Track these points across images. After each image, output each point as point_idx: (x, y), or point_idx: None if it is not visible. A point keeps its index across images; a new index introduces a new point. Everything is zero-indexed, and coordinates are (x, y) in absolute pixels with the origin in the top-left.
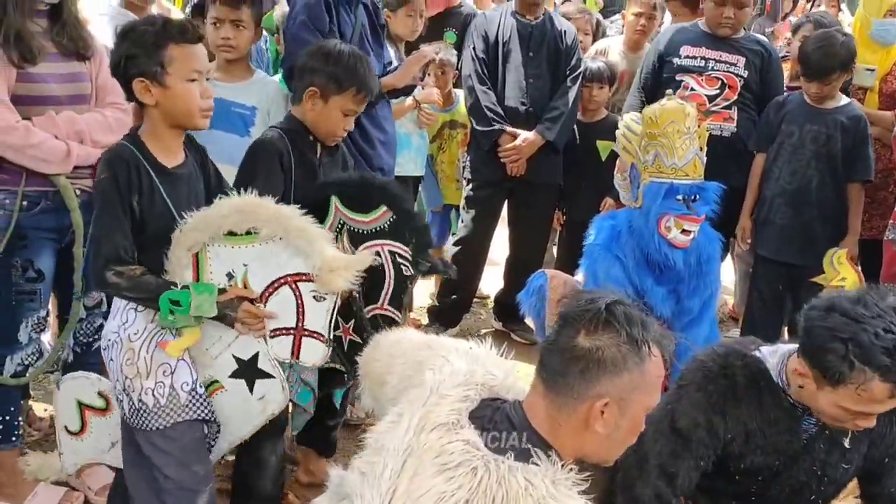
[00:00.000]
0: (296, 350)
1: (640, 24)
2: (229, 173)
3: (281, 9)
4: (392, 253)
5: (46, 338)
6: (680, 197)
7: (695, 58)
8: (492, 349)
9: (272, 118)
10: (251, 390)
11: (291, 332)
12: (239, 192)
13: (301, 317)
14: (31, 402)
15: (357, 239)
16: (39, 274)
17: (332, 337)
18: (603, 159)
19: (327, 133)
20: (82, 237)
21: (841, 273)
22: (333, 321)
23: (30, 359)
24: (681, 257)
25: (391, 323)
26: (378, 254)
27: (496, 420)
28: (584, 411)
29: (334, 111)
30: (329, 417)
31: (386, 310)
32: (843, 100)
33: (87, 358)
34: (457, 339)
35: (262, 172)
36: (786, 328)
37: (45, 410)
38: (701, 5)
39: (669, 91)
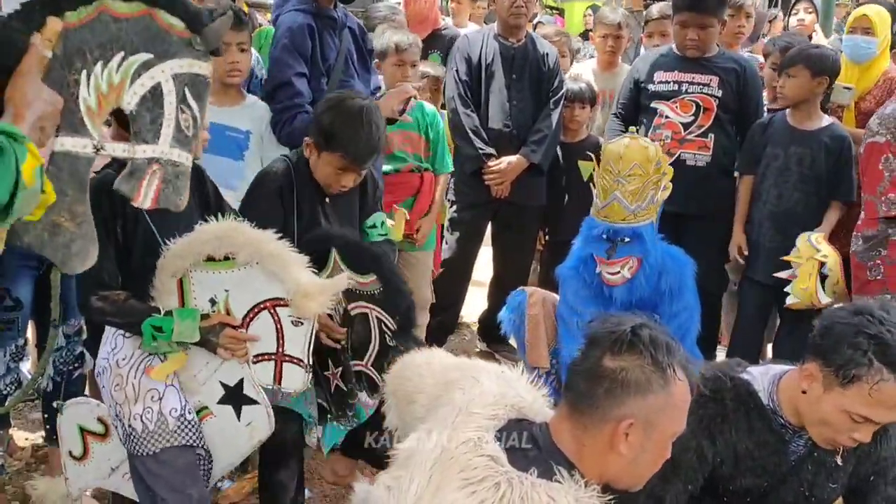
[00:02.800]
0: (277, 375)
1: (608, 45)
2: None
3: None
4: (378, 320)
5: (26, 367)
6: (603, 235)
7: (668, 83)
8: (523, 374)
9: (266, 142)
10: (238, 417)
11: (273, 357)
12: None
13: (281, 342)
14: (10, 432)
15: (351, 295)
16: (17, 302)
17: (310, 362)
18: (585, 179)
19: (323, 185)
20: None
21: (822, 251)
22: (311, 349)
23: (8, 388)
24: (622, 293)
25: (372, 384)
26: (367, 316)
27: (521, 438)
28: (609, 432)
29: (325, 167)
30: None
31: (369, 369)
32: (826, 120)
33: (68, 387)
34: (488, 362)
35: (262, 204)
36: (770, 347)
37: (27, 440)
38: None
39: (633, 128)
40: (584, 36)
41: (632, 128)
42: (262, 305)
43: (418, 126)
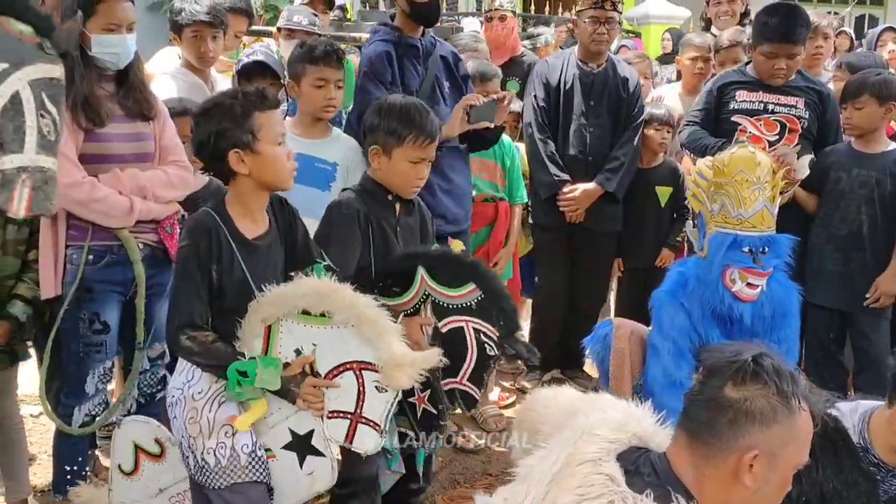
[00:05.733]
0: (350, 435)
1: (697, 67)
2: (312, 227)
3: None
4: (476, 331)
5: (111, 388)
6: (746, 249)
7: (752, 101)
8: (648, 409)
9: (350, 175)
10: (301, 465)
11: (349, 416)
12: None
13: (360, 403)
14: (97, 452)
15: (441, 312)
16: (105, 326)
17: (386, 429)
18: (662, 205)
19: (402, 186)
20: (144, 289)
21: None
22: (390, 417)
23: (97, 409)
24: (749, 311)
25: (468, 399)
26: (461, 330)
27: (640, 463)
28: (733, 463)
29: (400, 163)
30: (412, 481)
31: (465, 385)
32: (891, 145)
33: (151, 408)
34: (616, 398)
35: (338, 236)
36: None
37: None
38: (748, 55)
39: (743, 139)
40: (661, 60)
41: (741, 138)
42: (348, 366)
43: (494, 154)
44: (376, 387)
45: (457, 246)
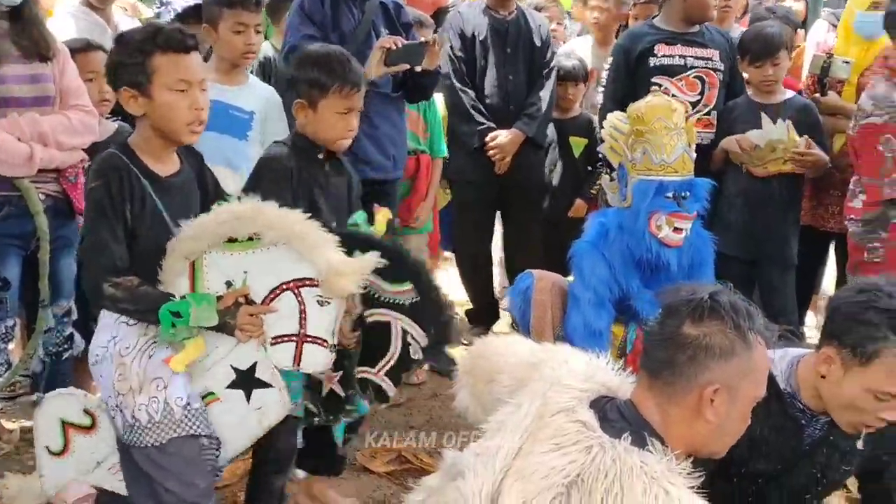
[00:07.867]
0: (297, 357)
1: (593, 17)
2: (225, 176)
3: None
4: (404, 331)
5: (12, 348)
6: (670, 194)
7: (672, 56)
8: (608, 362)
9: (268, 125)
10: (248, 400)
11: (293, 338)
12: (239, 199)
13: (303, 322)
14: None
15: (370, 301)
16: (4, 282)
17: (335, 343)
18: (577, 156)
19: (332, 138)
20: (47, 243)
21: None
22: (337, 329)
23: None
24: (675, 257)
25: (381, 393)
26: (387, 325)
27: (606, 410)
28: (694, 399)
29: (327, 115)
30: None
31: (381, 378)
32: (788, 92)
33: (59, 367)
34: (574, 349)
35: (266, 193)
36: None
37: (14, 422)
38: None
39: (655, 87)
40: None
41: (654, 87)
42: (284, 286)
43: (417, 105)
44: (318, 301)
45: (383, 215)
